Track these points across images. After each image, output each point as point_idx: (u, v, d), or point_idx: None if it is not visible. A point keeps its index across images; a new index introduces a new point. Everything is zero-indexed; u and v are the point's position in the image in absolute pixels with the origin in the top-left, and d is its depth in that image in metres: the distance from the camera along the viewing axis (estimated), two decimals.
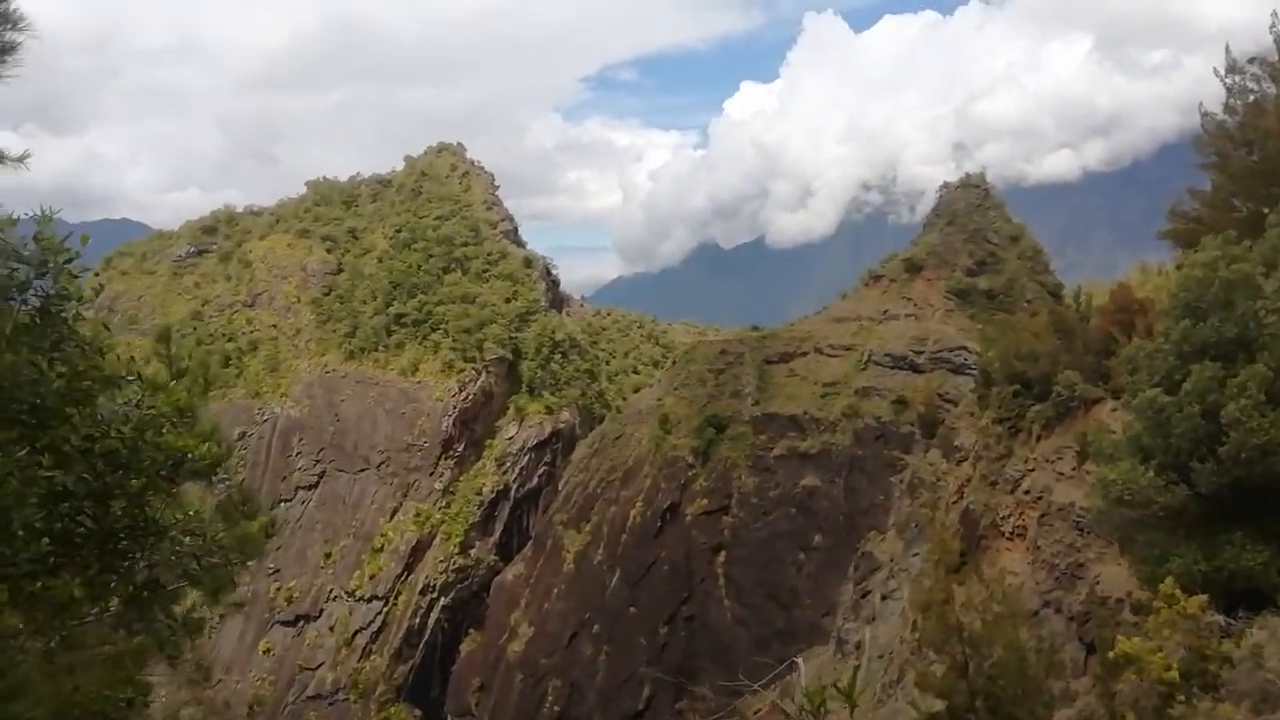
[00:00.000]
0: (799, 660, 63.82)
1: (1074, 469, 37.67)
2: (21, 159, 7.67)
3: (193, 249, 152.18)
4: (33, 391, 6.06)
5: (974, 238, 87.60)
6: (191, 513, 7.09)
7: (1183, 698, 13.42)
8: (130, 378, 6.90)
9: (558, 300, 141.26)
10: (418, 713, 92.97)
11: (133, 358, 7.15)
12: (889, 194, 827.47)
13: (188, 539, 7.13)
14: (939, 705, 18.31)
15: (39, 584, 5.95)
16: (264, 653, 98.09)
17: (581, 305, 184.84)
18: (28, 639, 6.09)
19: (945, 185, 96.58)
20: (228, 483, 7.97)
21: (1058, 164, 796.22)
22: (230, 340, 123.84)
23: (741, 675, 67.88)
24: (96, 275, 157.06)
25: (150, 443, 6.62)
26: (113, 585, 6.92)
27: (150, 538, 6.79)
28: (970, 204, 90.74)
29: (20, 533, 5.84)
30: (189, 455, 6.88)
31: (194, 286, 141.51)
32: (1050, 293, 78.67)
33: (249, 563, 8.61)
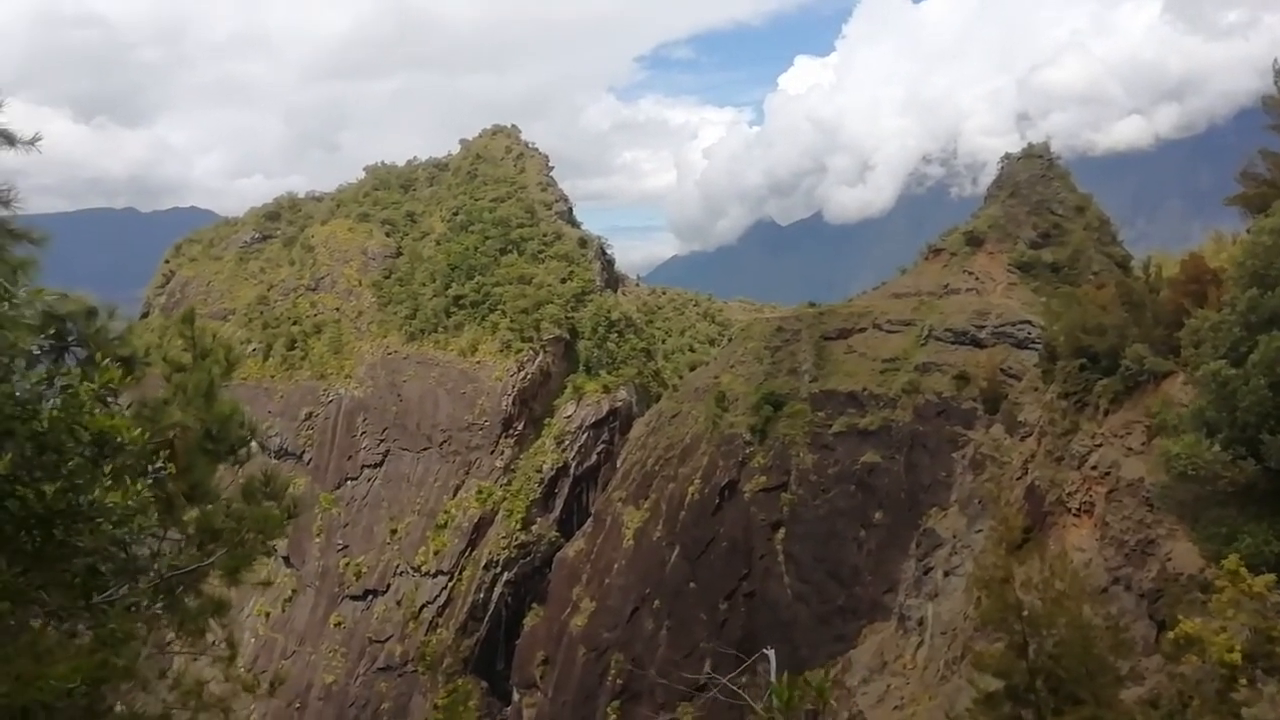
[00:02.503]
0: (768, 651, 63.48)
1: (1143, 444, 36.78)
2: (32, 141, 8.03)
3: (257, 235, 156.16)
4: None
5: (1037, 209, 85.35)
6: (131, 500, 6.65)
7: (1245, 680, 13.08)
8: (43, 354, 6.54)
9: (613, 280, 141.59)
10: (484, 684, 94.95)
11: (53, 333, 6.85)
12: (950, 166, 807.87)
13: (125, 526, 6.71)
14: (996, 684, 18.16)
15: None
16: (335, 626, 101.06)
17: (637, 285, 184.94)
18: None
19: (1007, 156, 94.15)
20: (159, 472, 7.53)
21: (1127, 131, 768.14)
22: (295, 324, 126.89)
23: (802, 651, 68.03)
24: (167, 262, 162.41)
25: (74, 424, 6.26)
26: (51, 574, 6.60)
27: (86, 523, 6.42)
28: (1033, 175, 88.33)
29: None
30: (117, 437, 6.47)
31: (259, 271, 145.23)
32: (1118, 264, 76.41)
33: (269, 542, 8.55)
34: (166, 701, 8.19)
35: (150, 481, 7.32)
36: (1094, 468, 39.29)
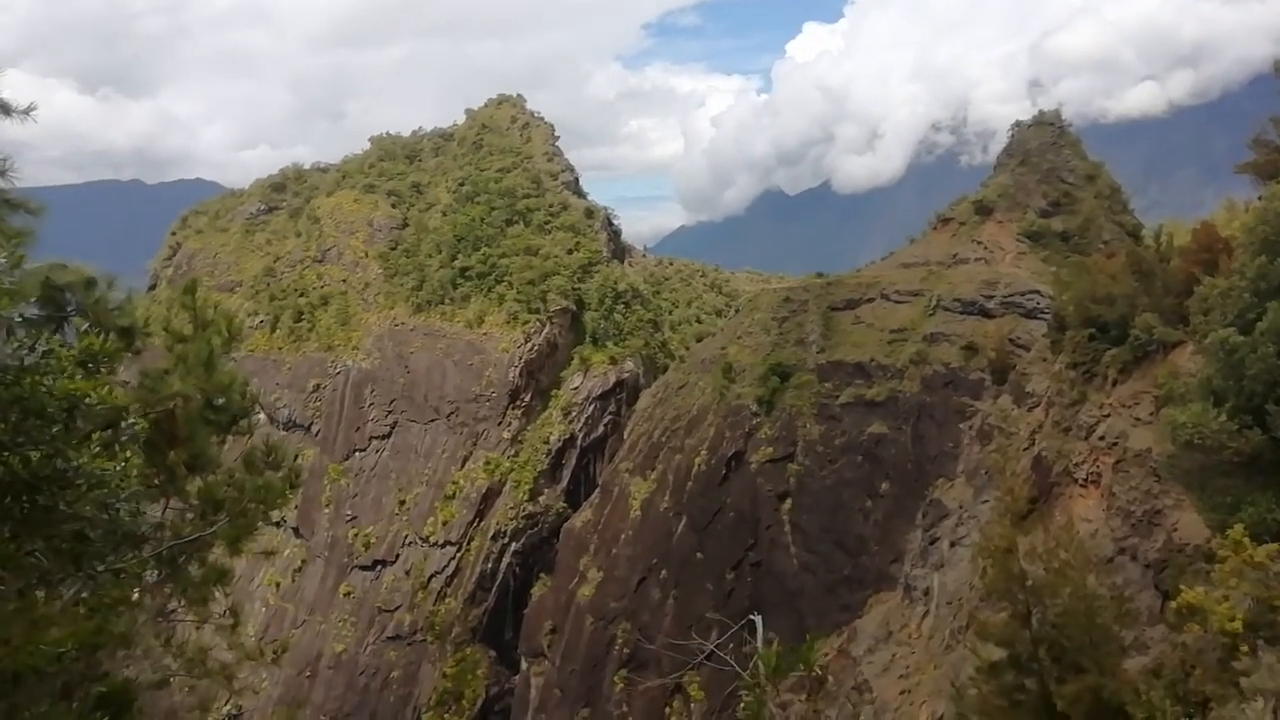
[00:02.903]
0: (755, 617, 63.73)
1: (1151, 414, 36.65)
2: (28, 111, 7.98)
3: (263, 207, 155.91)
4: None
5: (1048, 177, 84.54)
6: (117, 467, 6.74)
7: (1246, 649, 13.07)
8: (17, 320, 6.60)
9: (620, 251, 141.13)
10: (492, 653, 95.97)
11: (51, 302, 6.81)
12: (960, 134, 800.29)
13: (107, 489, 6.76)
14: (1000, 653, 18.23)
15: None
16: (344, 596, 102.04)
17: (644, 255, 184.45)
18: None
19: (1018, 124, 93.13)
20: (131, 429, 7.50)
21: (1141, 98, 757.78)
22: (302, 295, 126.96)
23: (808, 621, 68.47)
24: (173, 234, 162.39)
25: (46, 388, 6.33)
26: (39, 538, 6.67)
27: (71, 489, 6.50)
28: (1044, 142, 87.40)
29: None
30: (85, 399, 6.52)
31: (266, 243, 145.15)
32: (1129, 233, 75.75)
33: (271, 512, 8.60)
34: (170, 668, 8.28)
35: (134, 446, 7.36)
36: (1101, 438, 39.21)
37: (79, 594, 6.88)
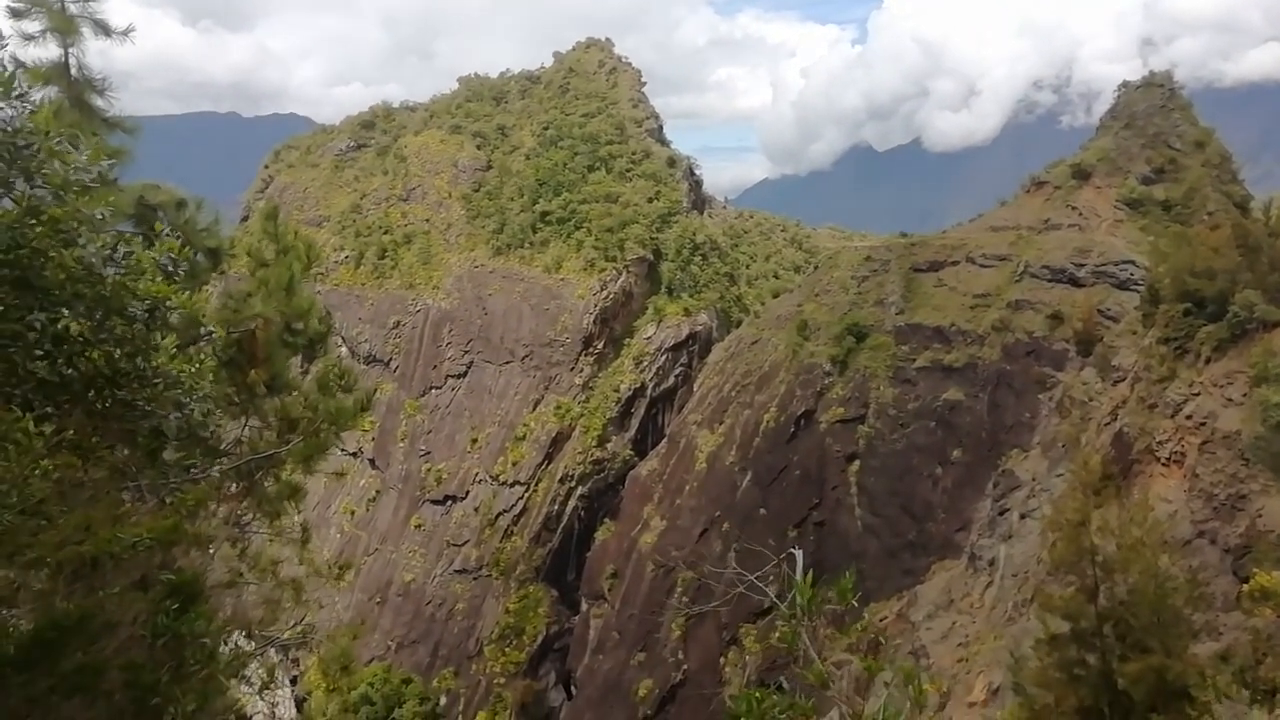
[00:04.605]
0: (795, 550, 63.04)
1: (1244, 395, 35.19)
2: (126, 32, 8.19)
3: (352, 144, 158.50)
4: (13, 234, 5.98)
5: (1153, 142, 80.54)
6: (192, 369, 6.98)
7: None
8: (103, 216, 6.72)
9: (700, 201, 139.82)
10: (554, 593, 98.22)
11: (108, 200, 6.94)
12: (1062, 94, 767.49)
13: (181, 389, 7.02)
14: (1063, 627, 17.89)
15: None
16: (415, 528, 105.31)
17: (724, 207, 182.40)
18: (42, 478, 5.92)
19: (1125, 84, 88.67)
20: (209, 336, 7.76)
21: (1263, 60, 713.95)
22: (386, 233, 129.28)
23: (868, 583, 68.19)
24: (266, 168, 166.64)
25: (129, 288, 6.52)
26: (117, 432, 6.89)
27: (149, 388, 6.73)
28: (1152, 105, 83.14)
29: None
30: (165, 302, 6.73)
31: (353, 180, 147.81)
32: (1236, 204, 71.86)
33: (340, 433, 8.87)
34: (243, 575, 8.71)
35: (209, 351, 7.68)
36: (1189, 417, 37.80)
37: (159, 495, 7.23)
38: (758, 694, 5.39)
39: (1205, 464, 35.93)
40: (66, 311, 6.21)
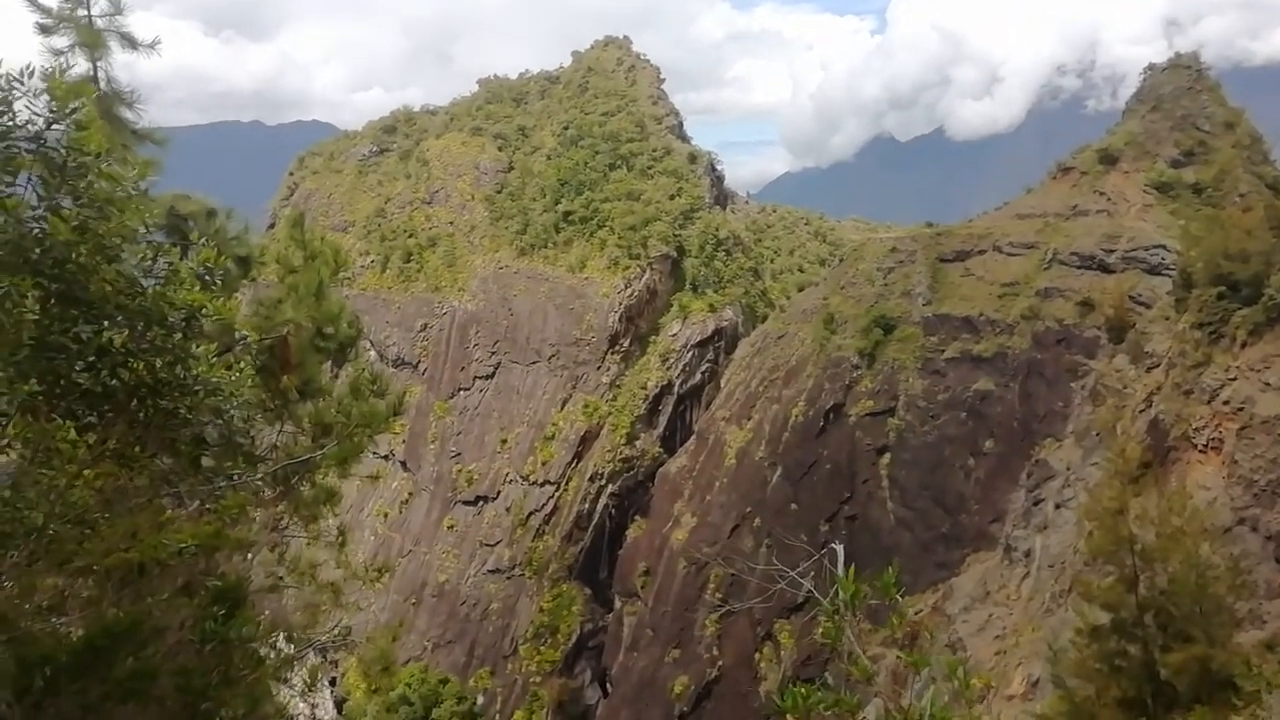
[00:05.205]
0: (836, 545, 62.62)
1: None
2: (152, 45, 8.30)
3: (375, 148, 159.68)
4: (61, 248, 6.10)
5: (1181, 125, 79.25)
6: (231, 376, 7.14)
7: None
8: (147, 229, 6.87)
9: (722, 197, 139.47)
10: (587, 591, 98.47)
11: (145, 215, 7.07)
12: (1086, 78, 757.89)
13: (221, 397, 7.17)
14: (1104, 618, 17.69)
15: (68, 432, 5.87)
16: (448, 529, 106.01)
17: (747, 202, 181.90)
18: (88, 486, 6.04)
19: (1151, 67, 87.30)
20: (244, 341, 7.92)
21: None
22: (411, 236, 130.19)
23: (903, 577, 67.75)
24: (291, 175, 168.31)
25: (168, 299, 6.67)
26: (160, 441, 7.05)
27: (190, 396, 6.87)
28: (1179, 87, 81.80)
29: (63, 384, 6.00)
30: (202, 310, 6.87)
31: (377, 184, 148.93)
32: (1269, 186, 70.46)
33: (373, 436, 8.98)
34: (281, 579, 8.82)
35: (246, 357, 7.82)
36: (1226, 402, 37.21)
37: (201, 502, 7.35)
38: (802, 689, 5.37)
39: (1244, 450, 35.36)
40: (109, 323, 6.35)
